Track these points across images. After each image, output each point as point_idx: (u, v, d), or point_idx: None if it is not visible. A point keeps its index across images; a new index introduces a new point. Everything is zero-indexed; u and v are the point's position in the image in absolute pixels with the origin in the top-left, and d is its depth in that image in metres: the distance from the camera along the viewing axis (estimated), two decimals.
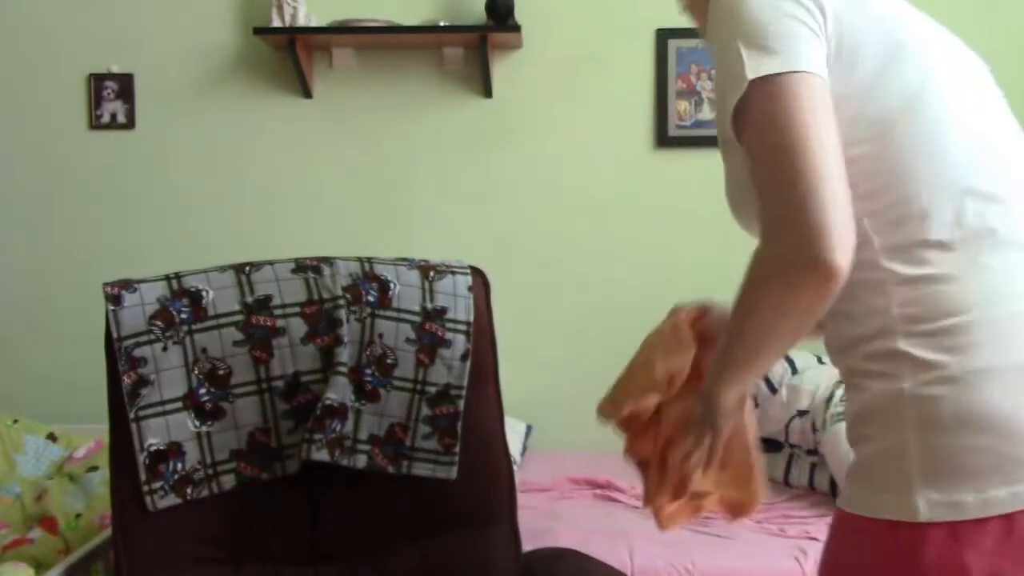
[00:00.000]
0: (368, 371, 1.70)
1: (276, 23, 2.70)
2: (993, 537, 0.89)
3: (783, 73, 0.93)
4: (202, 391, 1.63)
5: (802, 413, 2.45)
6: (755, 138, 0.96)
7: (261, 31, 2.70)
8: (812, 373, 2.51)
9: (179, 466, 1.60)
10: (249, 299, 1.67)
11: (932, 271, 0.95)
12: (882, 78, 0.98)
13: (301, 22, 2.70)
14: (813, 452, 2.43)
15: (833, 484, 2.32)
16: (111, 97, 2.88)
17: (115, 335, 1.61)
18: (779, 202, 0.93)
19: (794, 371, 2.53)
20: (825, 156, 0.91)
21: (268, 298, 1.67)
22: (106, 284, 1.64)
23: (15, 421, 2.59)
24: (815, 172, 0.90)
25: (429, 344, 1.73)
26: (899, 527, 0.92)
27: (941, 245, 0.95)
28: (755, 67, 0.94)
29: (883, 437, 0.96)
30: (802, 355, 2.56)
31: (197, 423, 1.62)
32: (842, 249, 0.89)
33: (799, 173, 0.90)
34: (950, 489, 0.90)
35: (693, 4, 1.19)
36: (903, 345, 0.95)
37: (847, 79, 0.97)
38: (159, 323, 1.62)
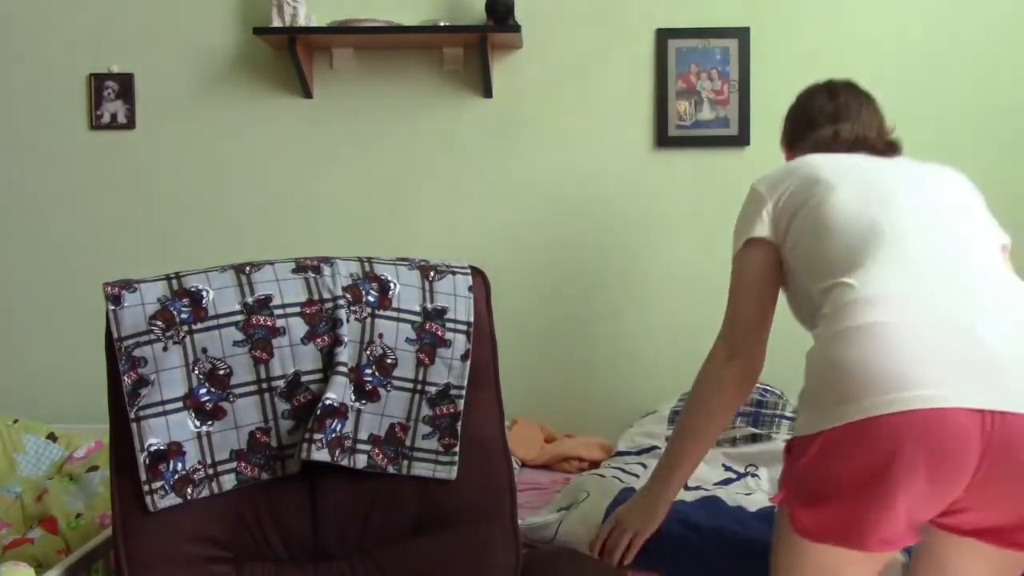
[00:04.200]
0: (368, 371, 1.70)
1: (276, 23, 2.70)
2: (816, 446, 1.34)
3: (742, 246, 1.67)
4: (202, 391, 1.63)
5: None
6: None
7: (261, 31, 2.70)
8: None
9: (179, 466, 1.60)
10: (249, 299, 1.67)
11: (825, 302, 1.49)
12: (806, 199, 1.60)
13: (301, 22, 2.70)
14: None
15: None
16: (111, 97, 2.88)
17: (115, 335, 1.61)
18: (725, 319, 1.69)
19: None
20: (746, 298, 1.66)
21: (268, 298, 1.67)
22: (106, 284, 1.64)
23: (15, 421, 2.59)
24: (735, 308, 1.67)
25: (429, 344, 1.73)
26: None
27: (826, 291, 1.50)
28: (735, 243, 1.70)
29: None
30: None
31: (197, 423, 1.62)
32: (743, 353, 1.63)
33: (730, 307, 1.68)
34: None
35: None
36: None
37: (781, 225, 1.63)
38: (159, 323, 1.62)
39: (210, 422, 1.63)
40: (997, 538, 1.35)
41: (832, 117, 1.84)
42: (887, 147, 1.79)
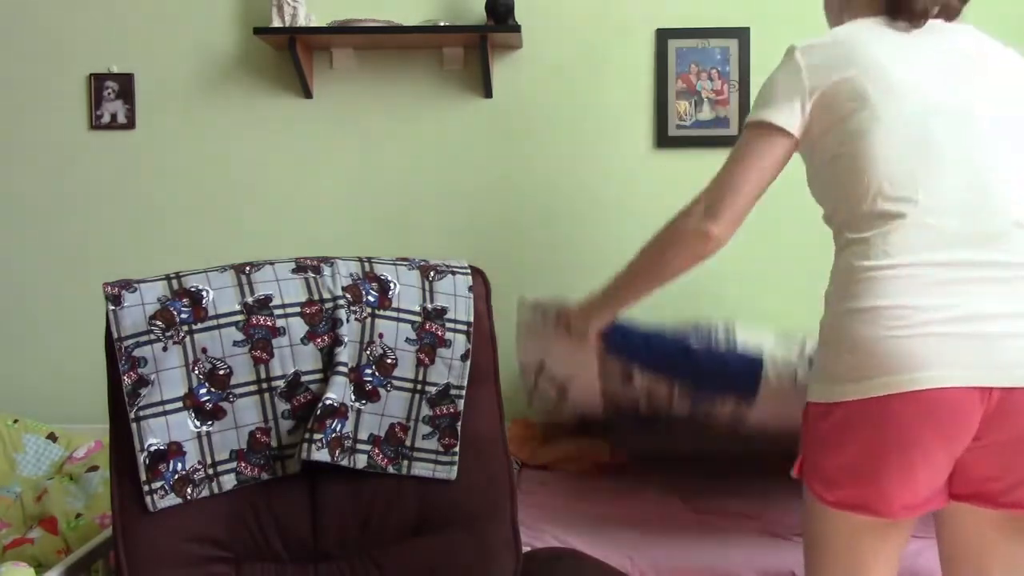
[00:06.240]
0: (368, 371, 1.70)
1: (276, 23, 2.70)
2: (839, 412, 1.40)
3: (755, 121, 1.56)
4: (202, 391, 1.63)
5: None
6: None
7: (261, 31, 2.70)
8: None
9: (179, 466, 1.60)
10: (249, 299, 1.67)
11: (845, 245, 1.48)
12: (849, 117, 1.47)
13: (301, 22, 2.70)
14: None
15: None
16: (111, 97, 2.88)
17: (115, 335, 1.61)
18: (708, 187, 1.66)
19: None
20: (740, 180, 1.60)
21: (268, 298, 1.67)
22: (106, 284, 1.64)
23: (15, 421, 2.59)
24: (728, 179, 1.63)
25: (429, 344, 1.73)
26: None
27: (855, 228, 1.46)
28: (754, 111, 1.58)
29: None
30: None
31: (197, 423, 1.62)
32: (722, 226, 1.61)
33: (723, 176, 1.64)
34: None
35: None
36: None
37: (827, 116, 1.49)
38: (159, 323, 1.62)
39: (210, 422, 1.63)
40: (986, 500, 1.43)
41: None
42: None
